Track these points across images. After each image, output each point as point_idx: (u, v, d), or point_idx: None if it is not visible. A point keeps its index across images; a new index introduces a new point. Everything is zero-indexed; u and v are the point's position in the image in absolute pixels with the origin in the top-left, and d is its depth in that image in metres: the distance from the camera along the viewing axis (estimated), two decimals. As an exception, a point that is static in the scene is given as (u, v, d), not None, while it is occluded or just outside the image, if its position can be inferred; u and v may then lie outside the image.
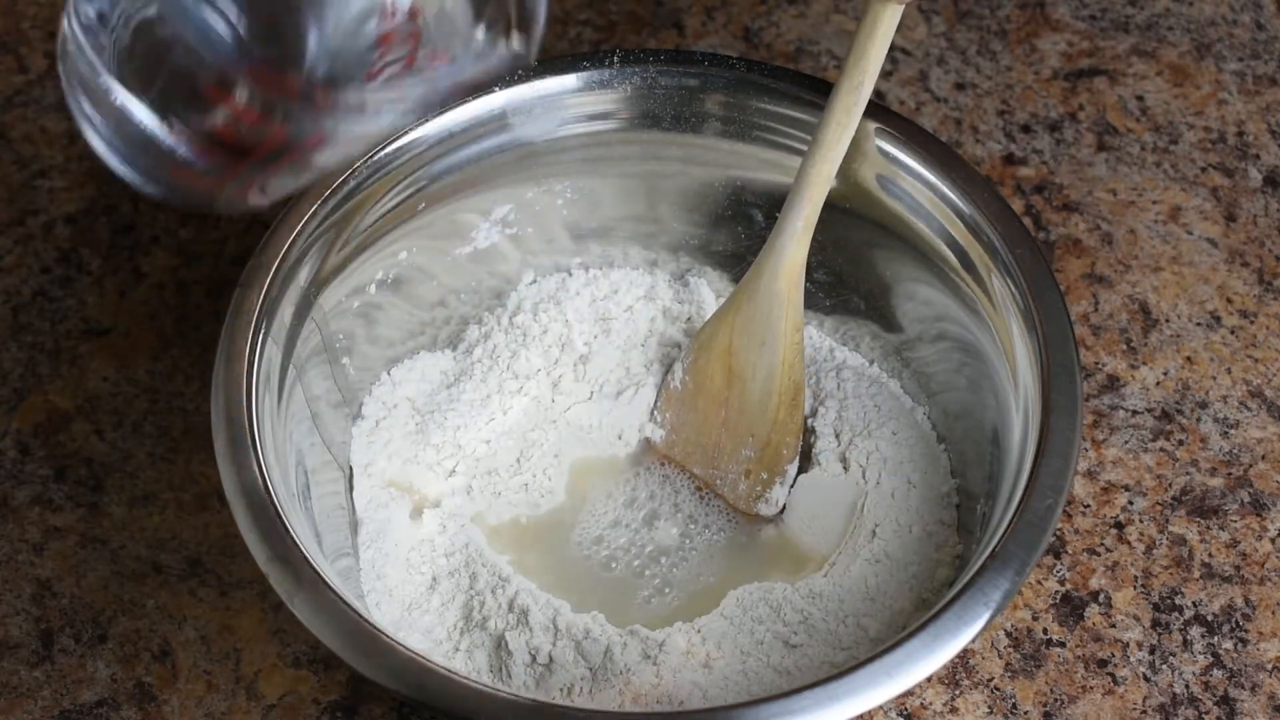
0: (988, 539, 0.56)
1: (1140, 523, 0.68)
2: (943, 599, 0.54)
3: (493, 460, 0.67)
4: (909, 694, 0.63)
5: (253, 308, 0.59)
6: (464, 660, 0.61)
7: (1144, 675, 0.64)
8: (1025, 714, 0.63)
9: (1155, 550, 0.67)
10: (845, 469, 0.66)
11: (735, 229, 0.69)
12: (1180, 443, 0.70)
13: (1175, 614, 0.65)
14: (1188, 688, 0.63)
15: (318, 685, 0.63)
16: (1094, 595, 0.66)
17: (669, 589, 0.65)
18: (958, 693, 0.63)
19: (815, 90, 0.65)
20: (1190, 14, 0.85)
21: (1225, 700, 0.63)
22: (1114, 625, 0.65)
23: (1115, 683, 0.63)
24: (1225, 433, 0.70)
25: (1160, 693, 0.63)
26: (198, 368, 0.71)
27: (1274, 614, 0.65)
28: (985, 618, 0.53)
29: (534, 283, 0.71)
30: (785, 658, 0.60)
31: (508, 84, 0.65)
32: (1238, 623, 0.65)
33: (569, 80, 0.66)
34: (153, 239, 0.76)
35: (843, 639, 0.60)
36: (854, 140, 0.62)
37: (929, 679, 0.56)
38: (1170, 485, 0.69)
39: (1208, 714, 0.63)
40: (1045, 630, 0.65)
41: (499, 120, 0.65)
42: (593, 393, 0.69)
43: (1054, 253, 0.75)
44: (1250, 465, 0.69)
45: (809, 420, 0.68)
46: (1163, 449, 0.70)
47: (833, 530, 0.65)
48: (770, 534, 0.66)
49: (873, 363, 0.69)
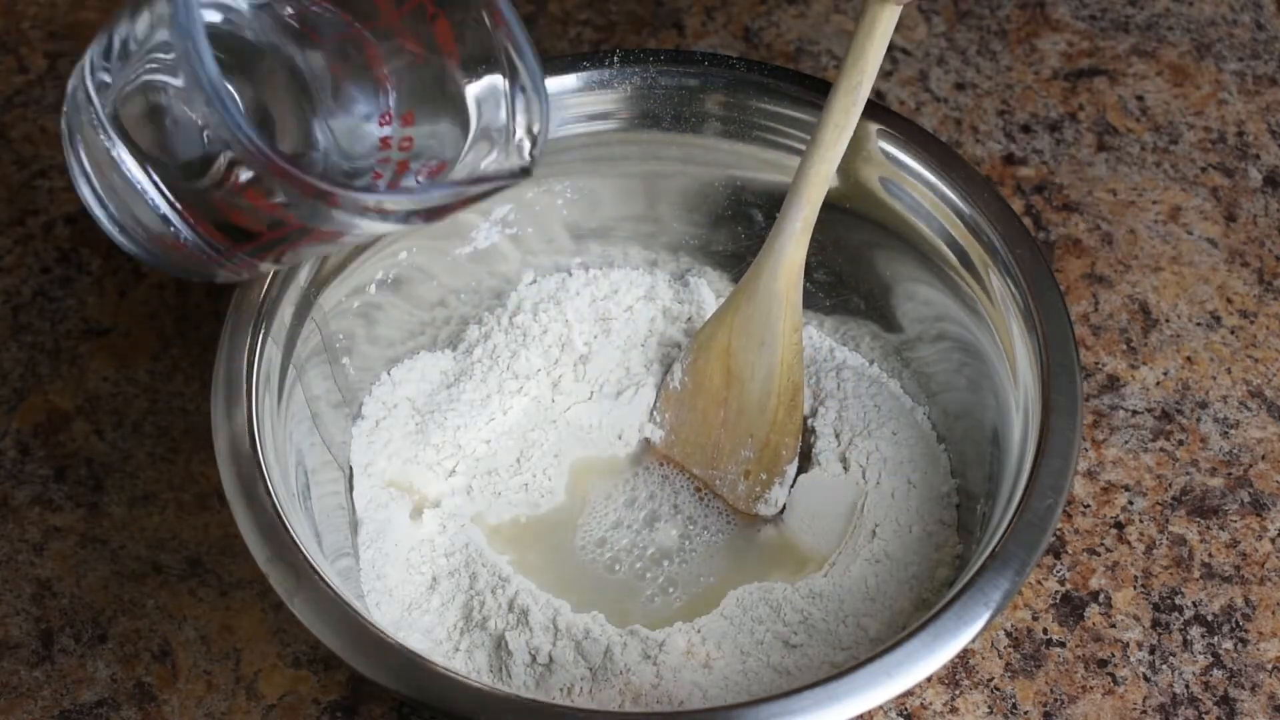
0: (988, 539, 0.56)
1: (1140, 523, 0.68)
2: (943, 599, 0.54)
3: (493, 460, 0.67)
4: (909, 694, 0.63)
5: (253, 307, 0.59)
6: (464, 660, 0.61)
7: (1144, 675, 0.64)
8: (1025, 714, 0.63)
9: (1155, 550, 0.67)
10: (845, 469, 0.66)
11: (735, 229, 0.69)
12: (1180, 443, 0.70)
13: (1175, 614, 0.65)
14: (1188, 688, 0.63)
15: (318, 685, 0.63)
16: (1094, 595, 0.66)
17: (669, 590, 0.65)
18: (958, 693, 0.63)
19: (815, 90, 0.65)
20: (1190, 14, 0.85)
21: (1225, 700, 0.63)
22: (1114, 625, 0.65)
23: (1115, 683, 0.63)
24: (1225, 433, 0.70)
25: (1160, 693, 0.63)
26: (198, 368, 0.71)
27: (1274, 614, 0.65)
28: (985, 618, 0.53)
29: (534, 283, 0.71)
30: (785, 658, 0.60)
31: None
32: (1238, 623, 0.65)
33: (569, 80, 0.66)
34: (153, 239, 0.76)
35: (843, 639, 0.60)
36: (854, 140, 0.62)
37: (929, 679, 0.56)
38: (1170, 485, 0.69)
39: (1208, 714, 0.63)
40: (1045, 630, 0.65)
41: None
42: (593, 393, 0.69)
43: (1054, 253, 0.75)
44: (1250, 465, 0.69)
45: (809, 420, 0.68)
46: (1163, 449, 0.70)
47: (833, 530, 0.65)
48: (770, 534, 0.66)
49: (873, 363, 0.69)
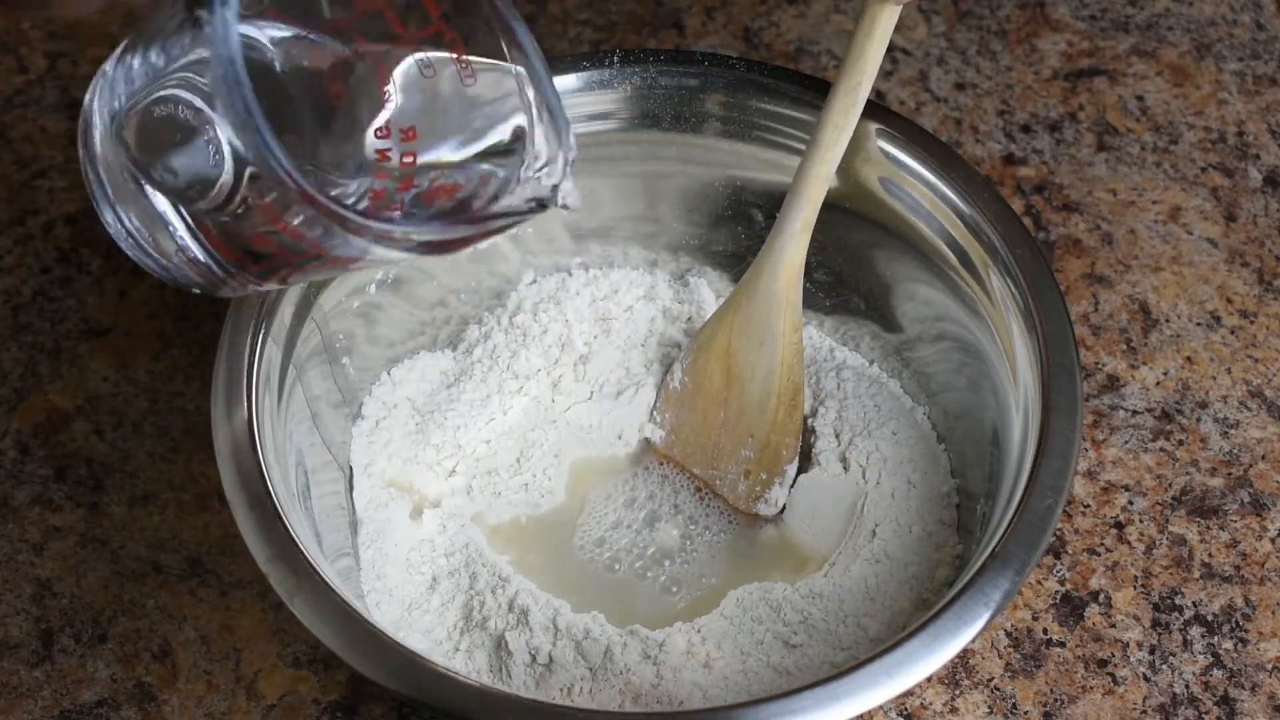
0: (988, 539, 0.56)
1: (1140, 523, 0.68)
2: (943, 599, 0.54)
3: (493, 460, 0.67)
4: (909, 694, 0.63)
5: (253, 308, 0.59)
6: (464, 660, 0.61)
7: (1144, 675, 0.64)
8: (1025, 714, 0.63)
9: (1155, 550, 0.67)
10: (845, 469, 0.66)
11: (735, 229, 0.69)
12: (1180, 443, 0.70)
13: (1175, 614, 0.65)
14: (1188, 688, 0.63)
15: (318, 685, 0.63)
16: (1094, 595, 0.66)
17: (669, 590, 0.65)
18: (958, 693, 0.63)
19: (815, 90, 0.65)
20: (1190, 14, 0.85)
21: (1225, 700, 0.63)
22: (1114, 625, 0.65)
23: (1115, 683, 0.63)
24: (1225, 433, 0.70)
25: (1160, 693, 0.63)
26: (198, 368, 0.71)
27: (1274, 614, 0.65)
28: (985, 618, 0.53)
29: (534, 283, 0.71)
30: (785, 658, 0.60)
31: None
32: (1238, 623, 0.65)
33: (569, 80, 0.66)
34: (153, 239, 0.76)
35: (843, 639, 0.60)
36: (854, 140, 0.62)
37: (929, 679, 0.56)
38: (1170, 485, 0.69)
39: (1208, 714, 0.63)
40: (1045, 630, 0.65)
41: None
42: (593, 393, 0.69)
43: (1054, 253, 0.75)
44: (1250, 465, 0.69)
45: (809, 420, 0.68)
46: (1163, 449, 0.70)
47: (833, 530, 0.65)
48: (770, 534, 0.66)
49: (873, 363, 0.69)
